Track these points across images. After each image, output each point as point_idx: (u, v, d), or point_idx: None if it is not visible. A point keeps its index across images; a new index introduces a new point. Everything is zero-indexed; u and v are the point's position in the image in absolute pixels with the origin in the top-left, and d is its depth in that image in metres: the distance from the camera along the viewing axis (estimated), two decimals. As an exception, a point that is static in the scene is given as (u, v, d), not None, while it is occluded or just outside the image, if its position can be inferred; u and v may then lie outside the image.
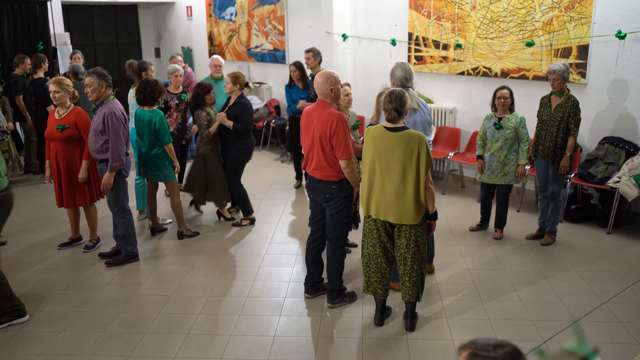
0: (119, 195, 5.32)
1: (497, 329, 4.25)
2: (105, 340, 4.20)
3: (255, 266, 5.44)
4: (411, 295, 4.16)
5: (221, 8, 11.58)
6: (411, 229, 4.03)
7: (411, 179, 3.93)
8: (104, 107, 5.18)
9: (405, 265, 4.12)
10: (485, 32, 7.34)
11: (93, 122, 5.26)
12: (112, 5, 13.17)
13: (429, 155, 3.92)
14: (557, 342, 4.04)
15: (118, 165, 5.18)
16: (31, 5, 9.99)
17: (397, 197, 3.97)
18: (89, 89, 5.17)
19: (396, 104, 3.92)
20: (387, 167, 3.98)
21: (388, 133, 3.97)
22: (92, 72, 5.21)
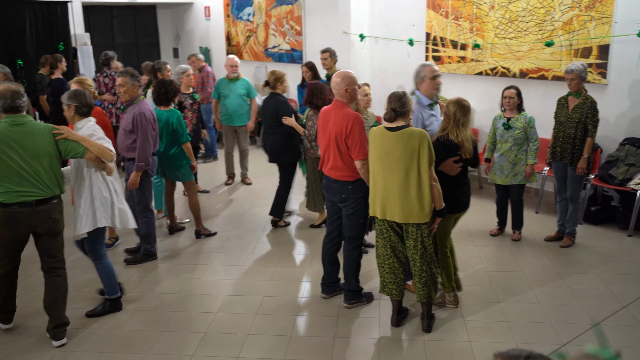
0: (143, 194, 5.38)
1: (515, 331, 4.22)
2: (123, 337, 4.24)
3: (272, 266, 5.46)
4: (422, 295, 4.15)
5: (239, 8, 11.63)
6: (417, 229, 4.03)
7: (414, 177, 3.92)
8: (134, 107, 5.25)
9: (415, 266, 4.12)
10: (504, 32, 7.29)
11: (123, 120, 5.37)
12: (132, 6, 13.28)
13: (430, 152, 3.91)
14: (577, 346, 4.00)
15: (144, 165, 5.25)
16: (52, 7, 10.12)
17: (401, 197, 3.97)
18: (121, 89, 5.24)
19: (394, 104, 3.96)
20: (389, 167, 3.99)
21: (388, 133, 3.98)
22: (125, 72, 5.29)
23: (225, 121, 7.91)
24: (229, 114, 7.85)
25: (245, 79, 8.07)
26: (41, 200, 3.94)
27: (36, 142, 3.89)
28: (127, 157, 5.41)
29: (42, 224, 3.99)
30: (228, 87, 7.83)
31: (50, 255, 4.13)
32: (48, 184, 3.95)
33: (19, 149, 3.84)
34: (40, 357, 4.01)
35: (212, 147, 9.51)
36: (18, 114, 3.91)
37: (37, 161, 3.89)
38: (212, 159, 9.47)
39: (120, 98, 5.33)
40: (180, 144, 5.86)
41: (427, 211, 3.97)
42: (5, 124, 3.86)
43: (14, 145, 3.83)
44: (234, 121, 7.89)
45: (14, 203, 3.87)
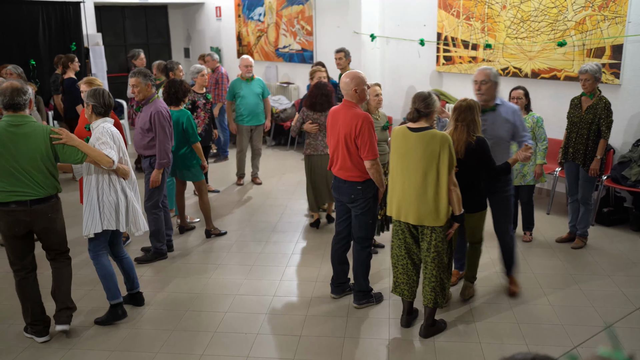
0: (153, 192, 5.42)
1: (526, 333, 4.19)
2: (133, 336, 4.26)
3: (282, 265, 5.46)
4: (429, 300, 4.12)
5: (250, 8, 11.65)
6: (432, 232, 4.00)
7: (432, 180, 3.90)
8: (149, 106, 5.29)
9: (426, 269, 4.10)
10: (516, 32, 7.25)
11: (139, 120, 5.40)
12: (143, 7, 13.35)
13: (451, 156, 3.87)
14: (588, 348, 3.97)
15: (166, 162, 5.32)
16: (65, 7, 10.20)
17: (417, 198, 3.95)
18: (135, 89, 5.27)
19: (418, 105, 3.92)
20: (408, 167, 3.97)
21: (410, 133, 3.96)
22: (138, 72, 5.32)
23: (241, 121, 7.92)
24: (247, 113, 7.85)
25: (260, 79, 8.09)
26: (36, 200, 3.94)
27: (30, 144, 3.86)
28: (144, 156, 5.44)
29: (38, 223, 4.00)
30: (244, 87, 7.85)
31: (52, 248, 4.20)
32: (42, 184, 3.94)
33: (14, 149, 3.84)
34: (49, 354, 4.04)
35: (223, 147, 9.53)
36: (18, 112, 3.90)
37: (30, 163, 3.87)
38: (223, 158, 9.50)
39: (135, 98, 5.35)
40: (191, 144, 5.88)
41: (443, 215, 3.94)
42: (3, 124, 3.87)
43: (9, 145, 3.83)
44: (251, 121, 7.91)
45: (10, 202, 3.89)
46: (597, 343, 4.04)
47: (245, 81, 7.86)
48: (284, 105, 10.52)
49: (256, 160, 8.21)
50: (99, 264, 4.38)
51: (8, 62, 8.37)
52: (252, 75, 7.91)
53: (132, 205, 4.36)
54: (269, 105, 8.09)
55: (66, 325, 4.18)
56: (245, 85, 7.85)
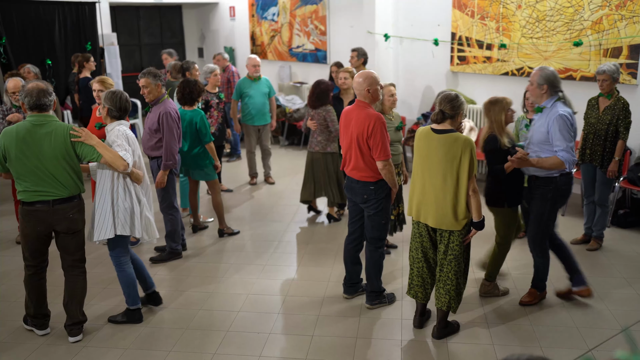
0: (167, 192, 5.43)
1: (540, 336, 4.16)
2: (147, 334, 4.28)
3: (295, 265, 5.46)
4: (443, 303, 4.09)
5: (264, 8, 11.67)
6: (450, 235, 3.97)
7: (451, 183, 3.87)
8: (159, 107, 5.28)
9: (441, 271, 4.07)
10: (531, 32, 7.19)
11: (147, 120, 5.39)
12: (158, 7, 13.42)
13: (472, 161, 3.83)
14: (603, 351, 3.92)
15: (171, 163, 5.30)
16: (81, 7, 10.28)
17: (437, 200, 3.92)
18: (145, 89, 5.27)
19: (443, 106, 3.88)
20: (429, 169, 3.94)
21: (433, 134, 3.92)
22: (147, 73, 5.30)
23: (248, 121, 7.92)
24: (255, 113, 7.86)
25: (266, 78, 8.10)
26: (59, 200, 3.96)
27: (53, 144, 3.89)
28: (151, 156, 5.46)
29: (60, 223, 4.01)
30: (252, 87, 7.85)
31: (69, 252, 4.15)
32: (65, 184, 3.96)
33: (37, 149, 3.86)
34: (64, 352, 4.07)
35: (236, 147, 9.56)
36: (43, 112, 3.93)
37: (53, 162, 3.90)
38: (236, 158, 9.52)
39: (145, 98, 5.35)
40: (204, 143, 5.89)
41: (461, 219, 3.91)
42: (26, 124, 3.89)
43: (33, 145, 3.86)
44: (259, 120, 7.91)
45: (35, 201, 3.92)
46: (613, 346, 3.99)
47: (253, 81, 7.87)
48: (297, 105, 10.53)
49: (267, 160, 8.22)
50: (123, 271, 4.36)
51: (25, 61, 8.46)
52: (260, 75, 7.92)
53: (144, 212, 4.35)
54: (274, 104, 8.10)
55: (79, 336, 4.20)
56: (253, 85, 7.86)
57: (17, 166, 3.88)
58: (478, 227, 3.98)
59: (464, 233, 3.97)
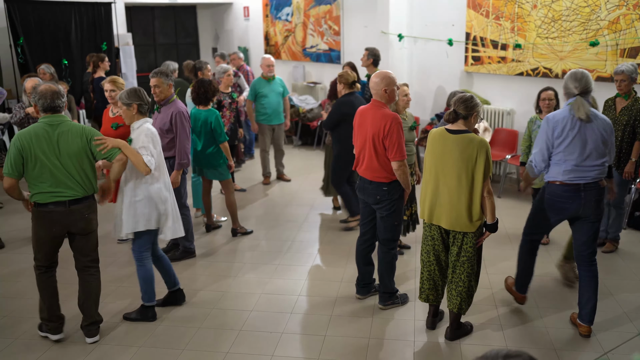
0: (179, 192, 5.44)
1: (555, 339, 4.12)
2: (161, 332, 4.31)
3: (307, 265, 5.47)
4: (455, 305, 4.06)
5: (277, 8, 11.69)
6: (464, 237, 3.95)
7: (466, 184, 3.84)
8: (170, 107, 5.30)
9: (454, 273, 4.04)
10: (547, 32, 7.13)
11: (157, 120, 5.37)
12: (172, 7, 13.50)
13: (487, 163, 3.80)
14: (620, 355, 3.88)
15: (186, 163, 5.32)
16: (97, 7, 10.37)
17: (451, 202, 3.89)
18: (157, 89, 5.29)
19: (457, 107, 3.85)
20: (443, 170, 3.91)
21: (447, 135, 3.89)
22: (159, 72, 5.32)
23: (263, 120, 7.96)
24: (270, 112, 7.89)
25: (280, 78, 8.13)
26: (74, 200, 3.98)
27: (70, 143, 3.92)
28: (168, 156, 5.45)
29: (76, 224, 4.03)
30: (267, 87, 7.89)
31: (84, 254, 4.16)
32: (81, 184, 3.98)
33: (54, 149, 3.89)
34: (79, 350, 4.11)
35: (249, 146, 9.59)
36: (56, 114, 3.96)
37: (70, 161, 3.92)
38: (249, 157, 9.55)
39: (155, 98, 5.36)
40: (218, 143, 5.91)
41: (475, 220, 3.88)
42: (42, 124, 3.91)
43: (50, 145, 3.88)
44: (274, 120, 7.95)
45: (49, 203, 3.93)
46: (629, 349, 3.95)
47: (267, 81, 7.90)
48: (310, 105, 10.53)
49: (280, 159, 8.26)
50: (144, 266, 4.41)
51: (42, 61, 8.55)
52: (274, 75, 7.95)
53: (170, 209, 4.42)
54: (288, 104, 8.15)
55: (96, 337, 4.21)
56: (268, 85, 7.89)
57: (36, 167, 3.88)
58: (491, 229, 3.95)
59: (477, 235, 3.95)
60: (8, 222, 6.58)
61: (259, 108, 7.97)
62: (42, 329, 4.27)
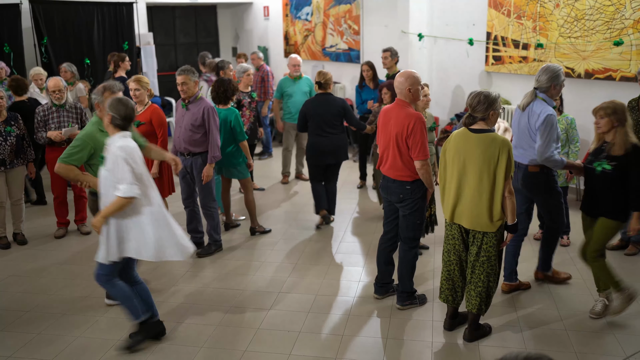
0: (210, 187, 5.57)
1: (575, 341, 4.07)
2: (179, 330, 4.34)
3: (325, 264, 5.47)
4: (474, 305, 4.03)
5: (297, 8, 11.71)
6: (484, 236, 3.92)
7: (488, 184, 3.82)
8: (199, 103, 5.41)
9: (473, 273, 4.02)
10: (569, 31, 7.04)
11: (185, 117, 5.45)
12: (193, 7, 13.59)
13: (509, 162, 3.78)
14: (641, 359, 3.83)
15: (218, 155, 5.47)
16: (119, 7, 10.49)
17: (472, 201, 3.88)
18: (184, 86, 5.36)
19: (472, 110, 3.86)
20: (465, 169, 3.90)
21: (470, 134, 3.89)
22: (187, 70, 5.40)
23: (288, 119, 8.01)
24: (295, 112, 7.92)
25: (308, 77, 8.15)
26: None
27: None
28: (193, 152, 5.51)
29: None
30: (292, 86, 7.93)
31: None
32: None
33: None
34: (100, 345, 4.16)
35: (267, 145, 9.63)
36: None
37: None
38: (267, 156, 9.59)
39: (182, 95, 5.43)
40: (238, 142, 5.95)
41: (496, 221, 3.86)
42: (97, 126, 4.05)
43: None
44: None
45: None
46: (650, 354, 3.89)
47: (293, 80, 7.95)
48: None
49: (301, 157, 8.29)
50: (115, 287, 3.97)
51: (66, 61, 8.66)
52: (300, 74, 7.99)
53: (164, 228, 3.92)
54: None
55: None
56: (294, 84, 7.94)
57: None
58: (511, 230, 3.93)
59: (497, 235, 3.92)
60: (31, 219, 6.68)
61: (284, 107, 8.02)
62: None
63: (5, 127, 5.78)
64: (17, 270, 5.44)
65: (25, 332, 4.35)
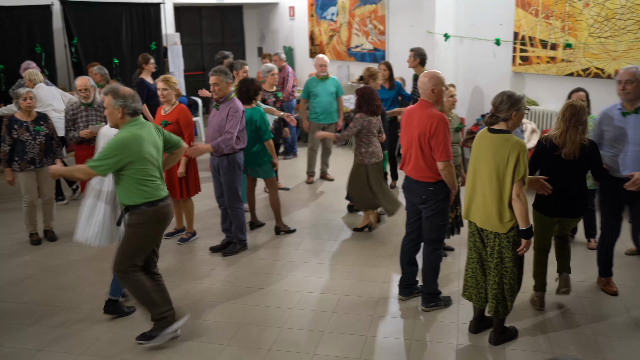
0: (236, 187, 5.59)
1: (603, 346, 4.01)
2: (205, 327, 4.39)
3: (350, 264, 5.47)
4: (491, 307, 4.00)
5: (323, 8, 11.73)
6: (495, 237, 3.89)
7: (496, 184, 3.79)
8: (228, 104, 5.44)
9: (489, 274, 4.00)
10: (599, 31, 6.93)
11: (215, 117, 5.49)
12: (219, 7, 13.70)
13: (519, 164, 3.70)
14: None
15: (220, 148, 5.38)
16: (146, 8, 10.63)
17: (483, 201, 3.89)
18: (216, 87, 5.40)
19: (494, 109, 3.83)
20: (479, 167, 3.91)
21: (487, 134, 3.90)
22: (219, 71, 5.43)
23: (314, 119, 8.03)
24: (321, 112, 7.94)
25: (335, 78, 8.15)
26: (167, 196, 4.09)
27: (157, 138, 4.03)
28: (220, 154, 5.50)
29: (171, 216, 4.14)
30: (319, 86, 7.94)
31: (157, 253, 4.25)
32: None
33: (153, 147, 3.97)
34: (126, 340, 4.23)
35: (292, 144, 9.65)
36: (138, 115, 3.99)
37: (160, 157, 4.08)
38: (292, 155, 9.62)
39: (214, 96, 5.47)
40: (263, 141, 5.98)
41: (506, 222, 3.81)
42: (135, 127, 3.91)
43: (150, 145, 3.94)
44: (324, 119, 8.00)
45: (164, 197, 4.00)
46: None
47: (320, 80, 7.96)
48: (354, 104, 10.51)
49: (326, 158, 8.30)
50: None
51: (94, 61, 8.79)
52: (327, 74, 7.99)
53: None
54: (342, 104, 8.16)
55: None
56: (320, 84, 7.94)
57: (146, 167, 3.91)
58: (523, 235, 3.80)
59: (510, 237, 3.86)
60: (61, 216, 6.80)
61: (310, 107, 8.05)
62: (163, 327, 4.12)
63: (35, 127, 5.91)
64: (47, 266, 5.55)
65: (55, 326, 4.44)
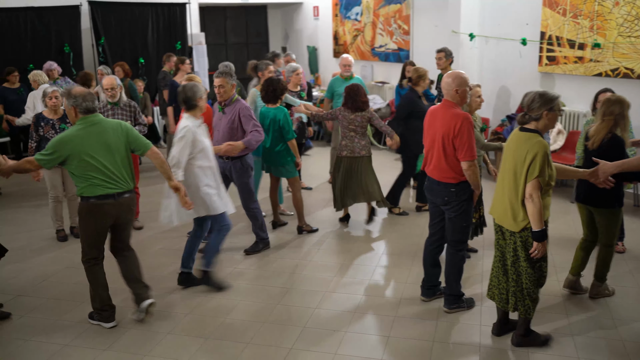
0: (250, 188, 5.62)
1: (631, 351, 3.93)
2: (227, 325, 4.42)
3: (372, 265, 5.45)
4: (511, 304, 3.97)
5: (347, 8, 11.71)
6: (511, 235, 3.88)
7: (514, 182, 3.77)
8: (235, 105, 5.43)
9: (507, 273, 3.98)
10: (629, 30, 6.80)
11: (223, 120, 5.48)
12: (244, 7, 13.78)
13: (534, 164, 3.62)
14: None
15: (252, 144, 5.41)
16: (172, 8, 10.74)
17: (501, 197, 3.89)
18: (221, 89, 5.42)
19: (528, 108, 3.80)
20: (504, 165, 3.90)
21: (517, 132, 3.89)
22: (223, 73, 5.45)
23: None
24: None
25: (359, 78, 8.12)
26: (121, 193, 4.25)
27: (115, 139, 4.19)
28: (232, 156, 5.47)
29: (123, 216, 4.32)
30: (343, 86, 7.91)
31: (124, 239, 4.49)
32: (128, 178, 4.29)
33: (104, 146, 4.14)
34: (148, 339, 4.27)
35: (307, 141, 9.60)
36: (94, 114, 4.20)
37: (119, 156, 4.21)
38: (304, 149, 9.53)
39: (219, 98, 5.49)
40: (286, 140, 5.99)
41: (519, 221, 3.76)
42: (85, 125, 4.14)
43: (95, 144, 4.12)
44: None
45: (98, 195, 4.16)
46: None
47: (344, 80, 7.93)
48: (378, 104, 10.49)
49: None
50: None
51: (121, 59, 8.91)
52: (351, 74, 7.97)
53: None
54: None
55: (151, 299, 4.44)
56: (344, 84, 7.90)
57: (84, 165, 4.11)
58: (535, 237, 3.70)
59: (524, 238, 3.79)
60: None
61: (334, 107, 8.03)
62: (93, 317, 4.49)
63: (60, 124, 6.02)
64: (72, 262, 5.63)
65: (80, 321, 4.51)
